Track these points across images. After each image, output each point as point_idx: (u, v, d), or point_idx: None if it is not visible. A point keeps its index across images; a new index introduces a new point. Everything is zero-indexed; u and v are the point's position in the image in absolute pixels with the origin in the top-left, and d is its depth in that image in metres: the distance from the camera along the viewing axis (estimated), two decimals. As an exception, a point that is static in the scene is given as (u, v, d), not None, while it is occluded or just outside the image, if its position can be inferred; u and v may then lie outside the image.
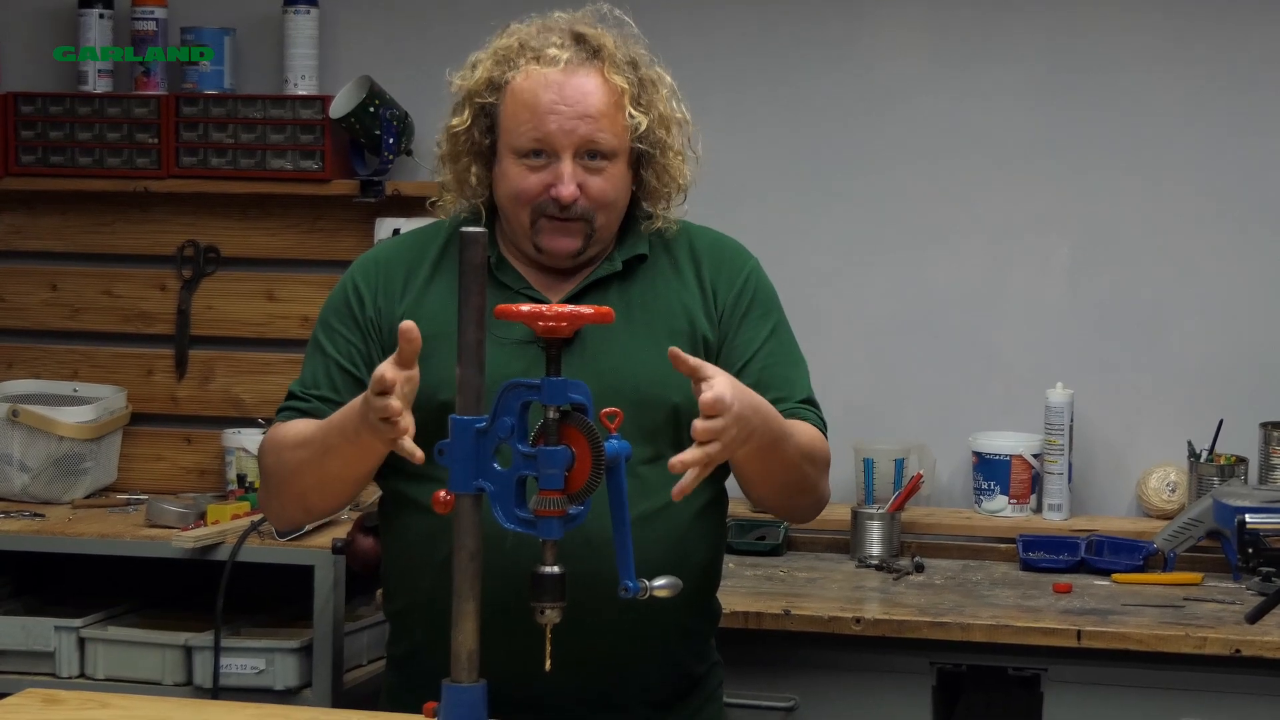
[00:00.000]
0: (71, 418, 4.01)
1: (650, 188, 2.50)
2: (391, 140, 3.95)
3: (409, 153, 3.98)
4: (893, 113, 3.99)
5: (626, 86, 2.42)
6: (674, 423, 2.42)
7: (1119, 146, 3.90)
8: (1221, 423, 3.74)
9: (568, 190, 2.40)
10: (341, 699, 3.55)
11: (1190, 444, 3.76)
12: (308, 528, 3.62)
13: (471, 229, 2.08)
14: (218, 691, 3.54)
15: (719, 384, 2.18)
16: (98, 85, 4.15)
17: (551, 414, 2.06)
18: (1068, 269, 3.95)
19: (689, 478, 2.13)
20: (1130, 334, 3.92)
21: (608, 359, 2.42)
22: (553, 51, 2.40)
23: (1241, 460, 3.74)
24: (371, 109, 3.94)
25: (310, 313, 3.91)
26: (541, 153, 2.41)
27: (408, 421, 2.18)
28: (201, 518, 3.70)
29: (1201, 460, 3.74)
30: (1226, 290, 3.88)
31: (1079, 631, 3.19)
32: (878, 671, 3.27)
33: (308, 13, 4.08)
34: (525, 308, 2.11)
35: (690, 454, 2.14)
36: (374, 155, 4.02)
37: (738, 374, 2.40)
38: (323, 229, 4.11)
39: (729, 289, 2.51)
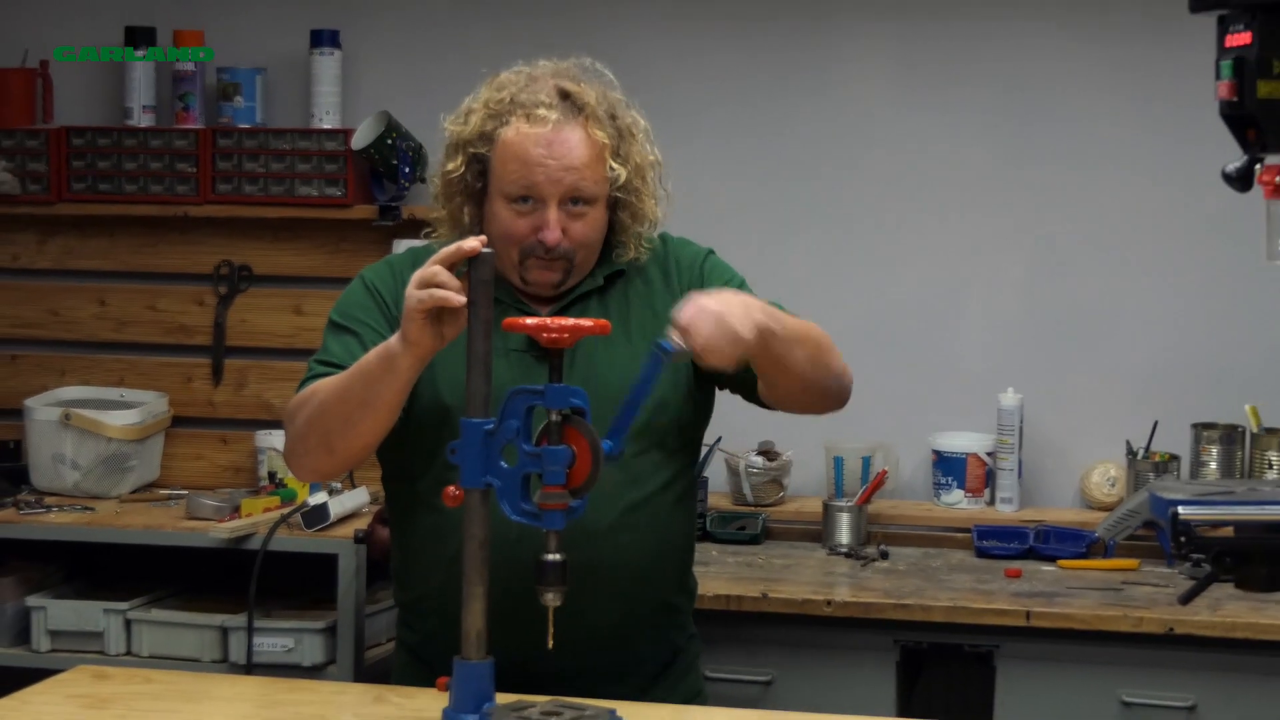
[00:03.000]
0: (119, 420, 4.06)
1: (623, 226, 2.54)
2: (407, 169, 4.03)
3: (423, 180, 3.98)
4: (861, 138, 4.04)
5: (607, 140, 2.46)
6: (658, 419, 2.47)
7: (1066, 173, 3.96)
8: (1156, 424, 3.82)
9: (553, 236, 2.44)
10: (363, 674, 3.60)
11: (1128, 443, 3.84)
12: (331, 512, 3.68)
13: (484, 250, 2.16)
14: (251, 668, 3.61)
15: (687, 310, 2.23)
16: (142, 120, 4.20)
17: (554, 417, 2.12)
18: (1019, 285, 4.00)
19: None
20: (1075, 344, 3.98)
21: (596, 366, 2.45)
22: (541, 112, 2.43)
23: (1175, 458, 3.82)
24: (389, 141, 4.03)
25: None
26: (529, 199, 2.45)
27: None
28: (236, 511, 3.76)
29: (1138, 458, 3.81)
30: (1161, 304, 3.95)
31: (1028, 612, 3.28)
32: (847, 649, 3.35)
33: (332, 54, 4.16)
34: (531, 320, 2.17)
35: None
36: (391, 183, 4.08)
37: None
38: (345, 250, 4.17)
39: (690, 281, 2.54)
